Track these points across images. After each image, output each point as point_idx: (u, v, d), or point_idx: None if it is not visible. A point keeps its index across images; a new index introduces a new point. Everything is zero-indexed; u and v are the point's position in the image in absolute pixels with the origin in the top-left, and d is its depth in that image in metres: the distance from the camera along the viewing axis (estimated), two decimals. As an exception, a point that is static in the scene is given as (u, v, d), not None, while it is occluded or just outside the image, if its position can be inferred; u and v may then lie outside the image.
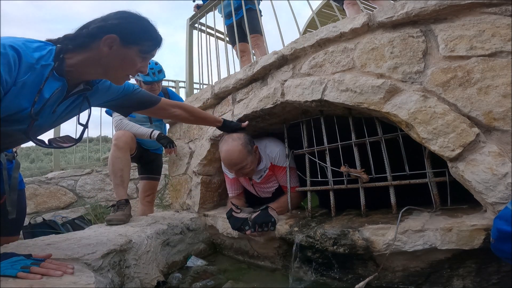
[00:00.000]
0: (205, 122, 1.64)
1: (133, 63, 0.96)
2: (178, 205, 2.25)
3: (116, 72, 0.97)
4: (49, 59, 0.87)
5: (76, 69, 0.92)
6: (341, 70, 1.30)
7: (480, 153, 0.95)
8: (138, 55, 0.96)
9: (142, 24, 0.96)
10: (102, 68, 0.94)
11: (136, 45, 0.94)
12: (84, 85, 0.99)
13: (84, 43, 0.90)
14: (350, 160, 1.37)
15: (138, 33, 0.94)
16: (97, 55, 0.91)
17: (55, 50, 0.89)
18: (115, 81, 1.01)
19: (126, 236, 1.29)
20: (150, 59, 1.04)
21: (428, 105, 1.04)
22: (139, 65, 0.98)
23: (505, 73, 0.94)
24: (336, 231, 1.16)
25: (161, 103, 1.33)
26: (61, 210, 3.40)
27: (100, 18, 0.93)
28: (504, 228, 0.75)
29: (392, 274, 1.10)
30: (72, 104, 1.02)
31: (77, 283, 0.78)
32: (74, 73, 0.93)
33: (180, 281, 1.35)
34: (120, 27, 0.90)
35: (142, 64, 0.99)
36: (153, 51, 1.01)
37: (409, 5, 1.12)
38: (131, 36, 0.92)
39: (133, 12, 0.95)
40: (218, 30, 3.00)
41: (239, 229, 1.45)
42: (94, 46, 0.90)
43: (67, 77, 0.92)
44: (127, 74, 1.00)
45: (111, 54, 0.91)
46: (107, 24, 0.90)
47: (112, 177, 1.90)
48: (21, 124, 0.87)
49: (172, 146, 2.07)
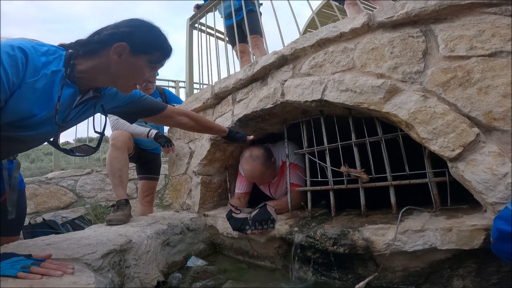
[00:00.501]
0: (211, 131, 1.62)
1: (141, 72, 0.95)
2: (178, 205, 2.25)
3: (124, 80, 0.96)
4: (59, 65, 0.86)
5: (86, 75, 0.91)
6: (341, 70, 1.30)
7: (480, 153, 0.95)
8: (147, 64, 0.95)
9: (154, 33, 0.95)
10: (111, 76, 0.94)
11: (145, 55, 0.93)
12: (94, 92, 0.98)
13: (94, 49, 0.90)
14: (350, 160, 1.37)
15: (149, 43, 0.93)
16: (106, 63, 0.90)
17: (65, 55, 0.88)
18: (123, 89, 1.00)
19: (126, 236, 1.29)
20: (159, 69, 1.03)
21: (428, 105, 1.04)
22: (147, 75, 0.97)
23: (505, 73, 0.94)
24: (336, 231, 1.16)
25: (167, 111, 1.31)
26: (61, 210, 3.40)
27: (113, 25, 0.92)
28: (504, 228, 0.75)
29: (392, 274, 1.10)
30: (82, 110, 1.01)
31: (77, 283, 0.78)
32: (84, 80, 0.92)
33: (180, 281, 1.35)
34: (131, 36, 0.90)
35: (150, 74, 0.98)
36: (163, 61, 1.00)
37: (409, 5, 1.12)
38: (141, 45, 0.91)
39: (146, 20, 0.95)
40: (218, 30, 3.00)
41: (239, 230, 1.45)
42: (105, 53, 0.89)
43: (78, 83, 0.91)
44: (135, 83, 0.99)
45: (120, 62, 0.90)
46: (119, 32, 0.90)
47: (111, 178, 1.89)
48: (30, 130, 0.85)
49: (170, 145, 2.06)
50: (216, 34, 2.97)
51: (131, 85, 0.99)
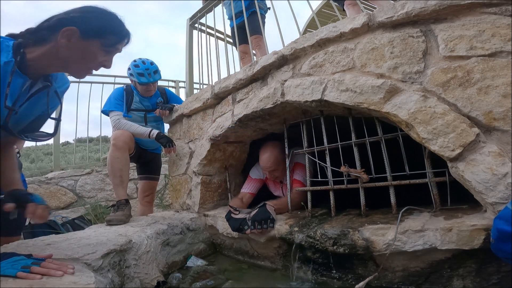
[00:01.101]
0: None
1: (94, 56, 0.95)
2: (178, 205, 2.25)
3: (76, 65, 0.96)
4: (9, 55, 0.87)
5: (37, 63, 0.92)
6: (341, 70, 1.30)
7: (480, 153, 0.95)
8: (101, 48, 0.95)
9: (106, 18, 0.96)
10: (61, 61, 0.93)
11: (97, 39, 0.93)
12: (43, 81, 0.99)
13: (44, 36, 0.90)
14: (350, 160, 1.37)
15: (101, 27, 0.94)
16: (55, 48, 0.90)
17: (13, 45, 0.89)
18: (77, 74, 1.00)
19: (126, 236, 1.29)
20: (116, 53, 1.02)
21: (428, 105, 1.04)
22: (101, 59, 0.97)
23: (505, 73, 0.94)
24: (336, 231, 1.16)
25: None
26: (61, 210, 3.39)
27: (64, 12, 0.93)
28: (504, 228, 0.75)
29: (392, 274, 1.10)
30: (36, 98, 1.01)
31: (77, 283, 0.78)
32: (35, 68, 0.93)
33: (180, 281, 1.35)
34: (81, 20, 0.90)
35: (106, 58, 0.98)
36: (118, 45, 1.00)
37: (409, 5, 1.12)
38: (92, 29, 0.92)
39: (99, 6, 0.95)
40: (218, 30, 2.99)
41: (238, 230, 1.46)
42: (54, 39, 0.89)
43: (29, 72, 0.92)
44: (88, 67, 0.99)
45: (70, 46, 0.90)
46: (68, 17, 0.90)
47: (111, 177, 1.89)
48: None
49: (171, 145, 2.06)
50: (216, 34, 2.97)
51: (84, 69, 0.99)
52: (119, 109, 2.12)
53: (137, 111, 2.23)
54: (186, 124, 2.23)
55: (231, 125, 1.72)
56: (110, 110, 2.11)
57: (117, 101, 2.15)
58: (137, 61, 2.13)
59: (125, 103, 2.17)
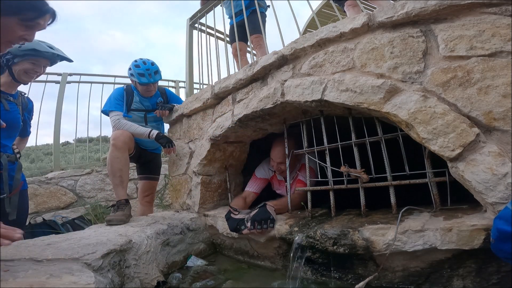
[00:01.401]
0: None
1: (11, 31, 0.97)
2: (178, 205, 2.25)
3: None
4: None
5: None
6: (341, 70, 1.30)
7: (480, 153, 0.95)
8: (20, 23, 0.97)
9: None
10: None
11: (14, 15, 0.95)
12: None
13: None
14: (350, 160, 1.37)
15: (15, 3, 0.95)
16: None
17: None
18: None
19: (126, 236, 1.29)
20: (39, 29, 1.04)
21: (428, 105, 1.04)
22: (21, 33, 0.99)
23: (505, 73, 0.94)
24: (336, 231, 1.16)
25: None
26: (61, 210, 3.39)
27: None
28: (504, 228, 0.75)
29: (392, 274, 1.10)
30: None
31: (77, 283, 0.78)
32: None
33: (180, 281, 1.35)
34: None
35: (27, 32, 1.00)
36: (38, 19, 1.01)
37: (409, 5, 1.12)
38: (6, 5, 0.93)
39: None
40: (218, 30, 2.99)
41: (235, 230, 1.46)
42: None
43: None
44: (8, 41, 1.00)
45: None
46: None
47: (111, 178, 1.89)
48: None
49: (171, 146, 2.06)
50: (216, 34, 2.97)
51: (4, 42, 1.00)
52: (119, 109, 2.12)
53: (137, 111, 2.23)
54: (186, 124, 2.23)
55: (231, 125, 1.72)
56: (110, 110, 2.11)
57: (117, 101, 2.15)
58: (138, 61, 2.13)
59: (125, 103, 2.17)
